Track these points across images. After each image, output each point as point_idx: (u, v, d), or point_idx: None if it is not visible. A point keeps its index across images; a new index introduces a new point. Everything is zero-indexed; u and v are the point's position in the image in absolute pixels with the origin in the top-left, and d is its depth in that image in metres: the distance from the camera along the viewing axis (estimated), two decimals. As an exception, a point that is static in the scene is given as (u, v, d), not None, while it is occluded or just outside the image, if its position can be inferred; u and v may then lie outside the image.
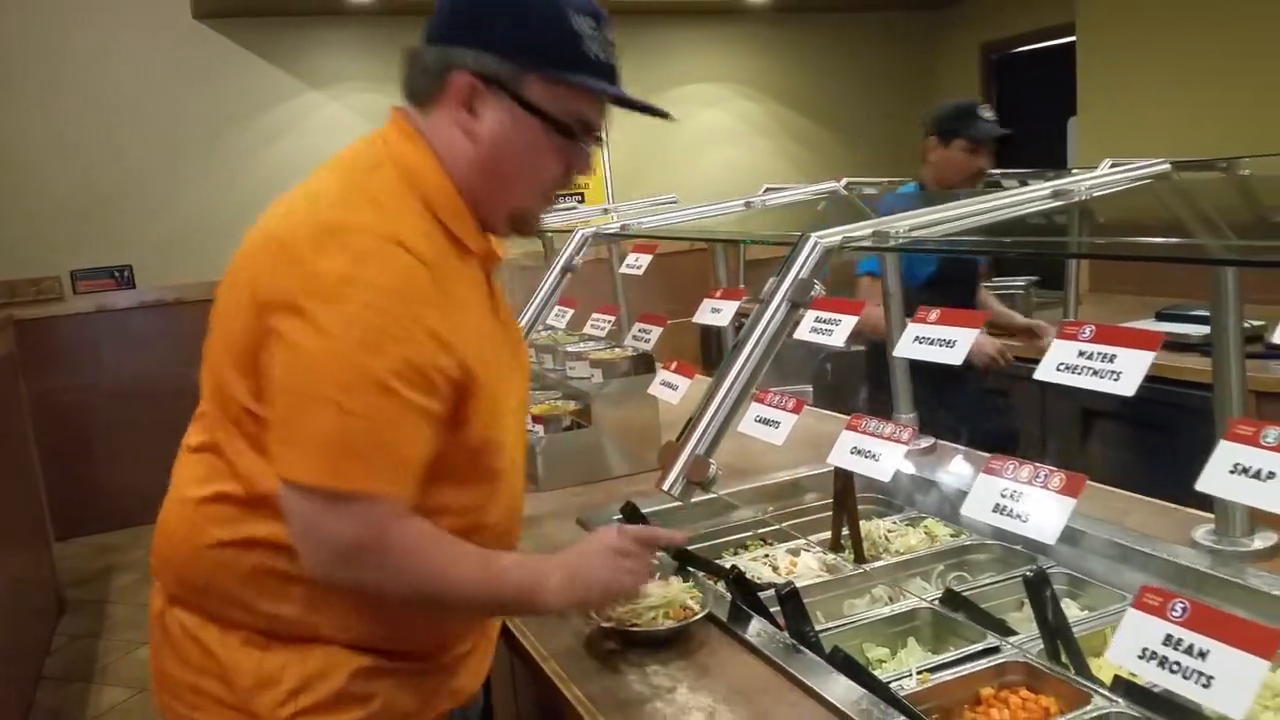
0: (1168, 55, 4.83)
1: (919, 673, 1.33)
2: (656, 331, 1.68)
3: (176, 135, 5.24)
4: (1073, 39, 5.35)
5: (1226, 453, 0.68)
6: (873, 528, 1.81)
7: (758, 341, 1.12)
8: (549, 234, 3.04)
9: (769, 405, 1.09)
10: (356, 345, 1.00)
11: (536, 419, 2.15)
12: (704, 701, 1.23)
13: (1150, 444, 3.14)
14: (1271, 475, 0.65)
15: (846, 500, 1.74)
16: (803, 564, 1.71)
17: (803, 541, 1.80)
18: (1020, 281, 3.73)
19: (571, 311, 2.04)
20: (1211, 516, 1.54)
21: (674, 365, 1.32)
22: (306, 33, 5.41)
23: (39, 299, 4.97)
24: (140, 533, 1.15)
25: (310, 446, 1.02)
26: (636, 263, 1.59)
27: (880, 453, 0.99)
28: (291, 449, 1.04)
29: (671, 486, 1.07)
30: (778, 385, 4.37)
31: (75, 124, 5.02)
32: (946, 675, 1.31)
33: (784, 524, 1.90)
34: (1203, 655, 0.64)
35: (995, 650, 1.36)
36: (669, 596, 1.42)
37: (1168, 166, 1.37)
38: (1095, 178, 1.27)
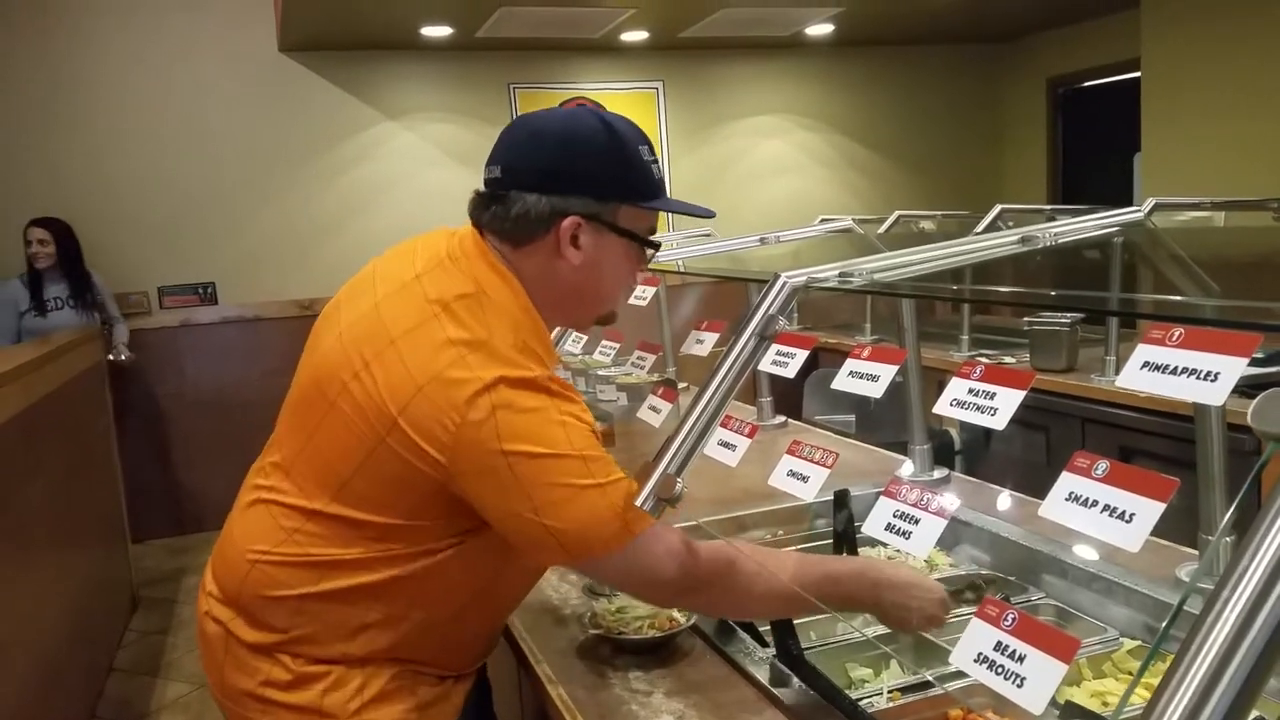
0: (1233, 94, 4.76)
1: (890, 691, 1.39)
2: (651, 359, 1.79)
3: (259, 161, 5.54)
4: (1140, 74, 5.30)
5: (1065, 483, 0.75)
6: (874, 553, 1.87)
7: (729, 371, 1.21)
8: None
9: (730, 430, 1.18)
10: (565, 445, 1.16)
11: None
12: (675, 706, 1.32)
13: (1186, 484, 3.10)
14: (1095, 503, 0.72)
15: (846, 524, 1.80)
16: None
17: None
18: (1065, 319, 3.71)
19: (618, 345, 2.07)
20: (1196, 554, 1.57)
21: (660, 390, 1.42)
22: (384, 66, 5.67)
23: (129, 312, 5.29)
24: (211, 538, 1.29)
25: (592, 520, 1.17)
26: (642, 294, 1.70)
27: (809, 475, 1.07)
28: (577, 536, 1.17)
29: (644, 502, 1.16)
30: (824, 415, 4.39)
31: (168, 151, 5.36)
32: (917, 696, 1.38)
33: (792, 547, 1.97)
34: (1021, 659, 0.71)
35: (967, 674, 1.41)
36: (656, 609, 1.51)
37: (1141, 215, 1.42)
38: (1064, 225, 1.32)
